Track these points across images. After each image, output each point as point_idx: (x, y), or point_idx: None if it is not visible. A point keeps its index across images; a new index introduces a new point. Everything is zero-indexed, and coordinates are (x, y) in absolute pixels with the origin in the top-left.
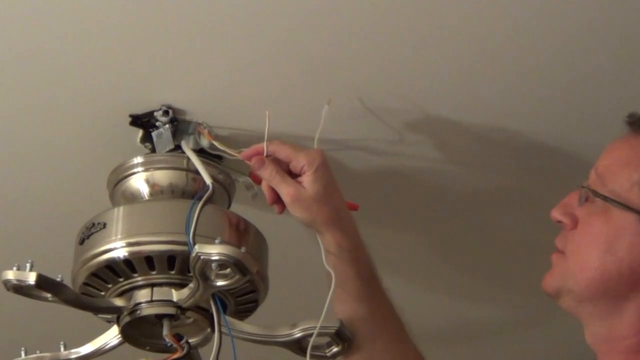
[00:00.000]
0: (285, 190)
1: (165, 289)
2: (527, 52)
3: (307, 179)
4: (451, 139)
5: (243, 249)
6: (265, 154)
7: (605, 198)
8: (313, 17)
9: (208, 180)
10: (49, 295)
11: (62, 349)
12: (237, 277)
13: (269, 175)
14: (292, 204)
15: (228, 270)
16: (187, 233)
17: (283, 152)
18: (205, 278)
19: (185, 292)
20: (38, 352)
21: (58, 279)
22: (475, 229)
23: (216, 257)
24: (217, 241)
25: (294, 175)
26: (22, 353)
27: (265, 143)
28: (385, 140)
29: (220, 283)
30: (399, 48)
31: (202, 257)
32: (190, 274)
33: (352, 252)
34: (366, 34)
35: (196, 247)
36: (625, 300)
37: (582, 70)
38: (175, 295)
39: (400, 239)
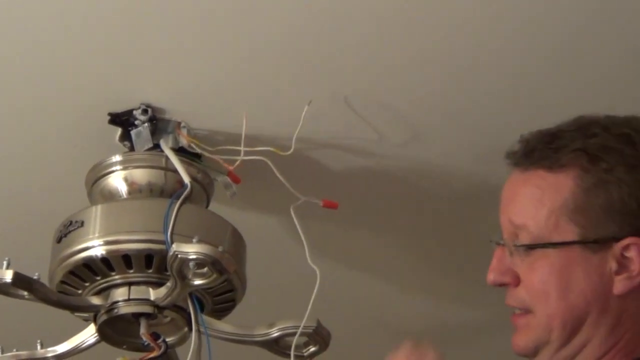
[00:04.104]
0: None
1: (142, 287)
2: (510, 59)
3: None
4: (432, 140)
5: (220, 248)
6: None
7: (544, 246)
8: (296, 20)
9: (186, 179)
10: (25, 293)
11: (38, 347)
12: (215, 276)
13: None
14: None
15: (205, 269)
16: (165, 232)
17: None
18: (182, 277)
19: (162, 291)
20: (15, 350)
21: (35, 277)
22: (457, 230)
23: (194, 256)
24: (194, 240)
25: None
26: None
27: None
28: (365, 139)
29: (197, 282)
30: (381, 51)
31: (179, 255)
32: (168, 273)
33: None
34: (348, 36)
35: (174, 245)
36: (596, 326)
37: (564, 80)
38: (153, 294)
39: (380, 239)
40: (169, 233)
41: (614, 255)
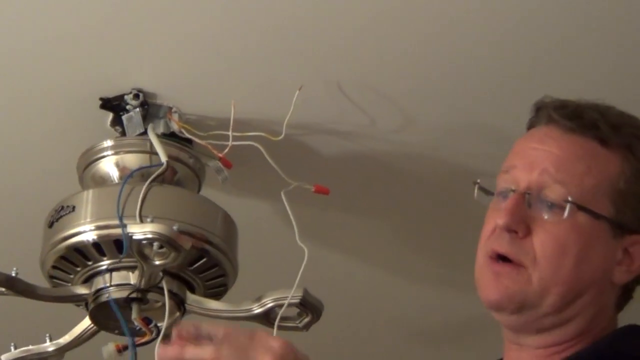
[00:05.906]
0: None
1: (123, 272)
2: (506, 48)
3: None
4: (425, 125)
5: (175, 227)
6: None
7: (587, 210)
8: (288, 5)
9: (163, 158)
10: (3, 289)
11: (47, 341)
12: (173, 254)
13: None
14: None
15: (164, 248)
16: (118, 213)
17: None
18: (144, 257)
19: (137, 274)
20: (30, 346)
21: (12, 274)
22: (450, 216)
23: (146, 235)
24: (148, 220)
25: None
26: (12, 348)
27: None
28: (357, 125)
29: (158, 262)
30: (373, 37)
31: (132, 236)
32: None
33: None
34: (341, 20)
35: (127, 227)
36: (587, 306)
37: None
38: (133, 278)
39: (372, 225)
40: (137, 213)
41: (622, 245)
